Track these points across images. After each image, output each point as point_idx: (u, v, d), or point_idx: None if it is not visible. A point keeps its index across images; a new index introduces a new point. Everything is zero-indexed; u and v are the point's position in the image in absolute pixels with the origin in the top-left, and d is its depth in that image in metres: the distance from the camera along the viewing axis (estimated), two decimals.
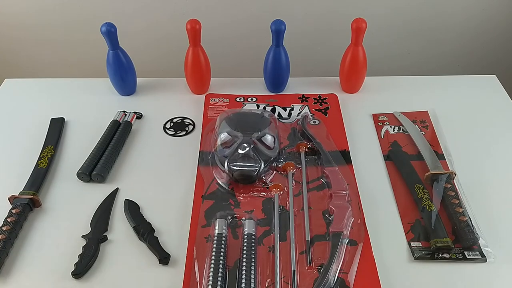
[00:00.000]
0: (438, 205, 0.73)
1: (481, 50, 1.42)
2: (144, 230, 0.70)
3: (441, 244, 0.67)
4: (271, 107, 0.95)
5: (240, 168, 0.76)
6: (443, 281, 0.65)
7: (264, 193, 0.76)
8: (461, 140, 0.87)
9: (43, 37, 1.38)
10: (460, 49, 1.42)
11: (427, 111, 0.94)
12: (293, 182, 0.78)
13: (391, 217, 0.73)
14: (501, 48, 1.41)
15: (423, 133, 0.88)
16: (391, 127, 0.90)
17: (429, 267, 0.66)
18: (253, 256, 0.65)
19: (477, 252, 0.67)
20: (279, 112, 0.94)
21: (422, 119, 0.92)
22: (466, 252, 0.67)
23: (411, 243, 0.69)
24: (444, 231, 0.69)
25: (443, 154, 0.84)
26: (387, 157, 0.84)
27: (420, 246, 0.69)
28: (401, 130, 0.89)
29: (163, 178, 0.81)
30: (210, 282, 0.61)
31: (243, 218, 0.71)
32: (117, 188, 0.79)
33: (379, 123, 0.91)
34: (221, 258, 0.64)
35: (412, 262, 0.67)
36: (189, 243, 0.68)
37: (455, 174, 0.78)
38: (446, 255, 0.67)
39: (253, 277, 0.63)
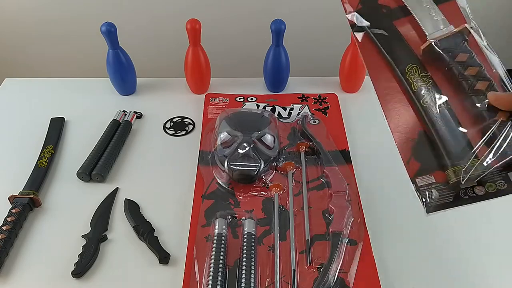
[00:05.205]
0: (450, 91, 0.48)
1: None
2: (144, 230, 0.70)
3: (465, 173, 0.43)
4: (271, 107, 0.95)
5: (240, 168, 0.76)
6: (444, 281, 0.65)
7: (264, 193, 0.76)
8: None
9: (43, 37, 1.38)
10: None
11: None
12: (293, 181, 0.78)
13: (391, 217, 0.73)
14: (501, 48, 1.41)
15: None
16: None
17: (429, 267, 0.66)
18: (253, 255, 0.65)
19: None
20: (279, 112, 0.94)
21: None
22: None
23: (417, 180, 0.46)
24: (466, 147, 0.44)
25: None
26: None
27: (432, 183, 0.45)
28: None
29: (163, 178, 0.81)
30: (210, 282, 0.61)
31: (243, 218, 0.71)
32: (117, 188, 0.79)
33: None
34: (221, 257, 0.64)
35: (412, 262, 0.67)
36: (189, 242, 0.68)
37: (471, 29, 0.52)
38: (479, 190, 0.45)
39: (253, 276, 0.63)
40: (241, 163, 0.76)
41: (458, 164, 0.45)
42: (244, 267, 0.63)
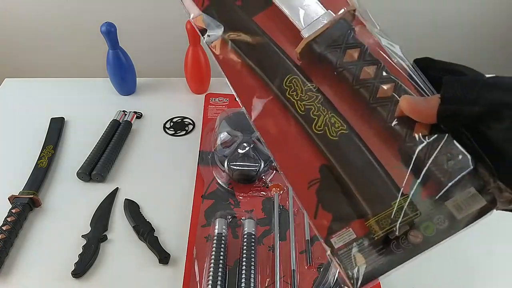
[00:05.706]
0: (347, 106, 0.35)
1: (481, 50, 1.42)
2: (144, 230, 0.70)
3: (389, 222, 0.31)
4: None
5: (240, 168, 0.76)
6: (444, 281, 0.65)
7: (264, 193, 0.76)
8: None
9: (43, 37, 1.38)
10: (459, 49, 1.42)
11: None
12: None
13: None
14: (501, 48, 1.41)
15: None
16: None
17: (430, 267, 0.66)
18: (253, 255, 0.65)
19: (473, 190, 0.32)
20: None
21: None
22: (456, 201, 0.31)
23: (332, 240, 0.33)
24: (386, 182, 0.32)
25: None
26: None
27: (353, 240, 0.32)
28: None
29: (163, 178, 0.81)
30: (210, 282, 0.61)
31: (243, 218, 0.71)
32: (117, 188, 0.79)
33: None
34: (221, 257, 0.64)
35: (412, 262, 0.67)
36: (189, 242, 0.68)
37: (356, 12, 0.40)
38: (414, 237, 0.33)
39: (253, 276, 0.63)
40: (241, 163, 0.76)
41: (381, 210, 0.33)
42: (244, 267, 0.63)
